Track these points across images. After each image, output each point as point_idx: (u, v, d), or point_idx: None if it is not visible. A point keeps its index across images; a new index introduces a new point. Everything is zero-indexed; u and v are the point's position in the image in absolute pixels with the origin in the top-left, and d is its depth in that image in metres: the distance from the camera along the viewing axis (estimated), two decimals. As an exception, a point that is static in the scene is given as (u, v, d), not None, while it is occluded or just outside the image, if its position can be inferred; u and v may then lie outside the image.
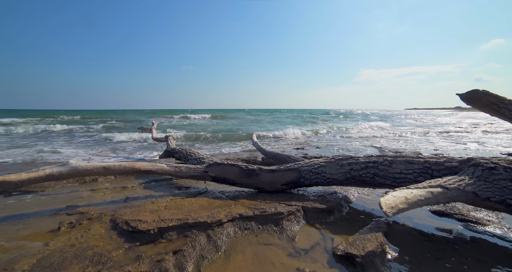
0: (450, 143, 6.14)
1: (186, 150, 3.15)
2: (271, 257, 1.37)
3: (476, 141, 6.54)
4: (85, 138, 8.03)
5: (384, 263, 1.29)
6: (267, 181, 2.32)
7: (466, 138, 7.17)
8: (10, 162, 4.16)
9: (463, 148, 5.42)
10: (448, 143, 6.16)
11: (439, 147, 5.50)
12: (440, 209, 1.99)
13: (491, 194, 1.46)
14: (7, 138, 7.85)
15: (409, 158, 1.93)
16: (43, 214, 1.85)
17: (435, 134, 8.53)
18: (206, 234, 1.52)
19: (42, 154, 4.91)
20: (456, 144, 5.92)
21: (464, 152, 4.90)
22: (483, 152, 4.89)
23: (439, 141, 6.63)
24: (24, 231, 1.56)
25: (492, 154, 4.60)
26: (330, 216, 1.88)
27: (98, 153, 5.13)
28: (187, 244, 1.40)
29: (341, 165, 2.16)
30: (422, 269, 1.26)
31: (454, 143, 6.14)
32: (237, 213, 1.73)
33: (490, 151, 4.95)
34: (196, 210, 1.80)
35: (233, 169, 2.39)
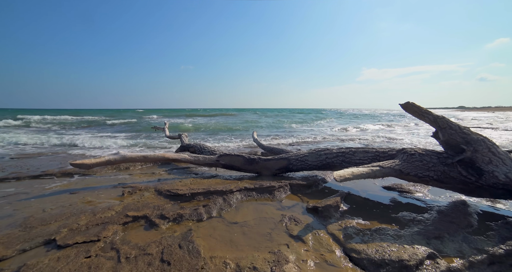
0: (426, 140, 6.90)
1: (200, 144, 3.91)
2: (265, 210, 2.12)
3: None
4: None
5: (337, 211, 2.04)
6: (265, 167, 3.08)
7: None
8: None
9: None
10: (426, 140, 6.91)
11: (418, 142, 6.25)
12: (388, 185, 2.74)
13: (410, 170, 2.21)
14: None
15: (366, 149, 2.69)
16: (106, 187, 2.61)
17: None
18: (222, 197, 2.28)
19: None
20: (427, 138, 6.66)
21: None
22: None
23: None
24: (102, 195, 2.32)
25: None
26: (308, 189, 2.63)
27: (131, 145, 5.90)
28: (211, 202, 2.15)
29: (319, 155, 2.91)
30: (359, 213, 2.01)
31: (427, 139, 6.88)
32: (243, 186, 2.49)
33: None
34: (213, 184, 2.56)
35: (238, 158, 3.15)
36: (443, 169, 2.14)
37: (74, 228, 1.62)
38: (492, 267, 1.38)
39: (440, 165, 2.15)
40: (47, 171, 3.29)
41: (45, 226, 1.64)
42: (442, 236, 1.59)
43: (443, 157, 2.18)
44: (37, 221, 1.71)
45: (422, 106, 2.32)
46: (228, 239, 1.63)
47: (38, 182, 2.90)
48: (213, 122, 17.28)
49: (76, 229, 1.61)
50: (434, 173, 2.17)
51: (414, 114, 2.39)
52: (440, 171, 2.15)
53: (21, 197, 2.34)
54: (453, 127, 2.13)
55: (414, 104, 2.33)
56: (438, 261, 1.36)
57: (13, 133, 8.65)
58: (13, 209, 1.99)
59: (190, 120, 19.91)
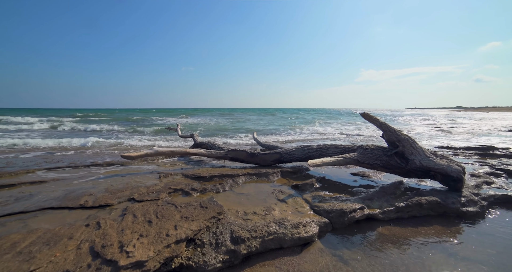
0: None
1: (211, 142, 4.85)
2: (262, 187, 3.05)
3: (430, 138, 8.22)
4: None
5: (311, 187, 2.97)
6: (262, 159, 4.01)
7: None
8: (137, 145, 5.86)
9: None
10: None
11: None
12: (355, 172, 3.67)
13: (364, 160, 3.13)
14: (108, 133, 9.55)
15: (337, 145, 3.62)
16: (145, 173, 3.55)
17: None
18: (232, 179, 3.21)
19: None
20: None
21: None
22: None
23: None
24: (145, 178, 3.26)
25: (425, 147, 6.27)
26: (294, 175, 3.56)
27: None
28: (224, 181, 3.08)
29: (303, 150, 3.85)
30: (327, 189, 2.93)
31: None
32: (246, 172, 3.42)
33: (425, 144, 6.62)
34: (224, 171, 3.49)
35: (242, 152, 4.09)
36: (386, 159, 3.07)
37: (140, 193, 2.55)
38: (396, 213, 2.31)
39: (384, 156, 3.09)
40: (95, 162, 4.23)
41: (121, 192, 2.58)
42: (372, 199, 2.52)
43: (386, 150, 3.11)
44: (114, 190, 2.64)
45: (373, 116, 3.26)
46: (238, 202, 2.57)
47: (92, 169, 3.84)
48: (214, 122, 18.21)
49: (142, 194, 2.54)
50: (380, 162, 3.10)
51: (369, 121, 3.33)
52: (384, 160, 3.08)
53: (90, 178, 3.28)
54: (391, 130, 3.07)
55: (368, 114, 3.27)
56: (364, 210, 2.29)
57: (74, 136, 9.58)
58: (92, 185, 2.93)
59: (191, 120, 20.85)
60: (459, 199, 2.43)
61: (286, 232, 1.86)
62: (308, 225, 1.98)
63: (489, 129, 11.61)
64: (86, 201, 2.29)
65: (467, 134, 9.78)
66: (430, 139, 8.19)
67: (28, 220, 1.88)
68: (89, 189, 2.72)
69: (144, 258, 1.30)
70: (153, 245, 1.43)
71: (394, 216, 2.30)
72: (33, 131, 11.16)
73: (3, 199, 2.34)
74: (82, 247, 1.40)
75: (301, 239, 1.86)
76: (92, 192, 2.60)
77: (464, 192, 2.58)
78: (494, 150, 4.97)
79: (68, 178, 3.34)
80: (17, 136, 9.18)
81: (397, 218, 2.30)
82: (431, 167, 2.76)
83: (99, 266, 1.24)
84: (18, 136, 9.20)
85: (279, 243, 1.81)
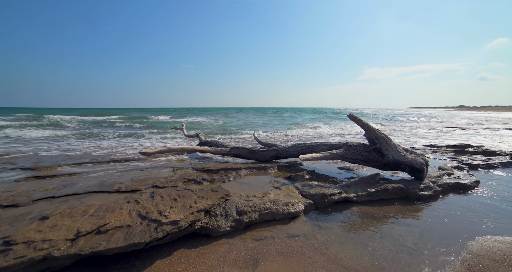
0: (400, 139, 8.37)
1: (216, 140, 5.43)
2: (261, 178, 3.63)
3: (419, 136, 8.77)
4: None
5: (302, 178, 3.55)
6: (262, 156, 4.59)
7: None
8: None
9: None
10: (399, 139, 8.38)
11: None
12: (341, 166, 4.24)
13: (348, 155, 3.70)
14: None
15: (326, 143, 4.19)
16: (160, 168, 4.12)
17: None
18: (235, 171, 3.78)
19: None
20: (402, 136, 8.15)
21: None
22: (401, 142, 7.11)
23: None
24: (161, 171, 3.84)
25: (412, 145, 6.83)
26: (289, 169, 4.14)
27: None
28: (229, 173, 3.66)
29: (297, 147, 4.42)
30: (315, 179, 3.50)
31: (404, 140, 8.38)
32: (247, 166, 4.00)
33: (413, 142, 7.17)
34: (229, 165, 4.07)
35: (244, 150, 4.66)
36: (366, 154, 3.64)
37: (160, 182, 3.13)
38: (368, 197, 2.88)
39: (364, 152, 3.66)
40: (113, 158, 4.82)
41: (145, 181, 3.15)
42: (350, 186, 3.09)
43: (366, 147, 3.68)
44: (138, 179, 3.22)
45: (357, 117, 3.83)
46: (240, 188, 3.14)
47: (113, 164, 4.43)
48: (215, 122, 18.79)
49: (162, 182, 3.12)
50: (361, 156, 3.67)
51: (354, 121, 3.89)
52: (364, 155, 3.65)
53: (114, 171, 3.86)
54: (371, 129, 3.64)
55: (353, 115, 3.84)
56: (342, 194, 2.86)
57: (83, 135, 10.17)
58: (118, 176, 3.51)
59: (192, 120, 21.43)
60: (418, 186, 3.00)
61: (278, 208, 2.43)
62: (296, 204, 2.56)
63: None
64: (120, 187, 2.87)
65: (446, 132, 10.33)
66: (418, 137, 8.75)
67: (82, 199, 2.46)
68: (117, 179, 3.30)
69: (178, 219, 1.87)
70: (181, 212, 2.01)
71: (366, 199, 2.88)
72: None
73: (53, 185, 2.92)
74: (132, 213, 1.98)
75: (289, 213, 2.44)
76: (121, 181, 3.18)
77: (425, 181, 3.15)
78: (469, 148, 5.54)
79: (95, 171, 3.93)
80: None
81: (368, 201, 2.87)
82: (401, 161, 3.33)
83: (148, 223, 1.82)
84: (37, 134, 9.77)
85: (272, 216, 2.39)
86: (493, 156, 4.78)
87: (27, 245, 1.45)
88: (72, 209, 2.02)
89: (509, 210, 2.60)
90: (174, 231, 1.81)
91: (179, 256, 1.82)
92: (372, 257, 1.80)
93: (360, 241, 2.02)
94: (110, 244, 1.58)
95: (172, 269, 1.67)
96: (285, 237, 2.09)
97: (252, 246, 1.95)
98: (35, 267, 1.41)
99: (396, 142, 3.60)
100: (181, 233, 1.93)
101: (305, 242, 2.01)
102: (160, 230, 1.76)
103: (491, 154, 4.88)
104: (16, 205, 2.20)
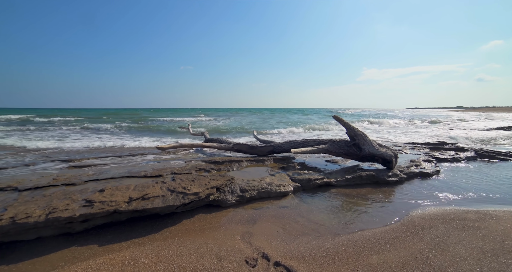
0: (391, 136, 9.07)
1: (220, 138, 6.13)
2: (259, 168, 4.33)
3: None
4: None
5: (294, 168, 4.25)
6: (260, 151, 5.29)
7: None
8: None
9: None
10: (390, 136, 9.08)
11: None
12: (328, 159, 4.95)
13: (332, 150, 4.40)
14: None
15: (315, 139, 4.89)
16: (172, 161, 4.82)
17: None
18: (238, 163, 4.48)
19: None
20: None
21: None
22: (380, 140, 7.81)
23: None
24: (175, 163, 4.54)
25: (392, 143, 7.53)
26: (283, 161, 4.84)
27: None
28: (232, 164, 4.36)
29: (291, 143, 5.13)
30: (304, 169, 4.20)
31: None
32: (248, 159, 4.70)
33: (397, 141, 7.88)
34: (232, 159, 4.77)
35: (245, 146, 5.36)
36: (347, 149, 4.34)
37: (177, 170, 3.82)
38: (346, 182, 3.58)
39: (346, 147, 4.36)
40: (131, 153, 5.51)
41: (164, 169, 3.84)
42: (332, 174, 3.79)
43: (347, 142, 4.39)
44: (158, 169, 3.91)
45: (340, 117, 4.54)
46: (242, 175, 3.84)
47: (132, 158, 5.12)
48: (216, 121, 19.49)
49: (179, 170, 3.81)
50: (343, 151, 4.37)
51: (338, 121, 4.60)
52: (346, 149, 4.35)
53: (135, 163, 4.55)
54: (351, 128, 4.34)
55: (337, 116, 4.55)
56: (324, 179, 3.56)
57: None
58: (140, 166, 4.20)
59: (194, 119, 22.13)
60: (387, 173, 3.70)
61: (272, 188, 3.13)
62: (287, 186, 3.26)
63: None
64: (146, 173, 3.57)
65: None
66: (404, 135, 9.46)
67: (119, 181, 3.15)
68: (141, 168, 4.00)
69: (198, 191, 2.57)
70: (200, 187, 2.71)
71: (344, 183, 3.58)
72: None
73: (92, 172, 3.61)
74: (163, 188, 2.67)
75: (281, 192, 3.14)
76: (144, 169, 3.88)
77: (394, 170, 3.86)
78: (444, 145, 6.24)
79: (120, 162, 4.62)
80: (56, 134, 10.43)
81: (345, 185, 3.57)
82: (375, 153, 4.04)
83: (177, 194, 2.51)
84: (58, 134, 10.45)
85: (268, 194, 3.09)
86: (461, 151, 5.49)
87: (102, 203, 2.14)
88: (117, 186, 2.72)
89: (453, 188, 3.31)
90: (196, 199, 2.51)
91: (199, 217, 2.52)
92: (340, 219, 2.50)
93: (334, 211, 2.72)
94: (153, 205, 2.28)
95: (194, 224, 2.37)
96: (277, 207, 2.79)
97: (252, 213, 2.66)
98: (108, 217, 2.10)
99: (371, 139, 4.31)
100: (200, 202, 2.63)
101: (292, 210, 2.72)
102: (186, 198, 2.46)
103: (460, 150, 5.59)
104: (74, 184, 2.89)
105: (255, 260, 1.74)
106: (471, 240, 1.96)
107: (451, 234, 2.06)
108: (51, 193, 2.53)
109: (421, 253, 1.80)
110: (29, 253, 1.85)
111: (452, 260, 1.72)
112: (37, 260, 1.77)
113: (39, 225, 1.89)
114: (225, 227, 2.32)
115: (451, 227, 2.20)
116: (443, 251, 1.81)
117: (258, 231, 2.23)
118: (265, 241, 2.02)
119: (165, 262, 1.73)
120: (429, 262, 1.68)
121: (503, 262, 1.69)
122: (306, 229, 2.28)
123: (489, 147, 6.37)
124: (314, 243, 2.00)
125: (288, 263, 1.70)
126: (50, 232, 2.00)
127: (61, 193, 2.52)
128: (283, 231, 2.23)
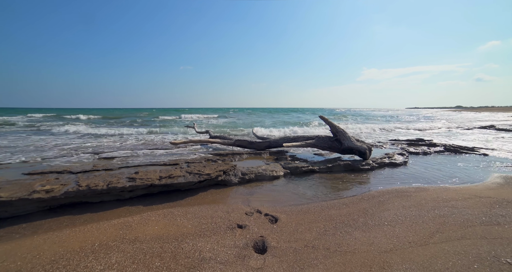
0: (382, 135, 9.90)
1: (222, 135, 6.98)
2: (257, 160, 5.17)
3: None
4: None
5: (286, 160, 5.08)
6: (258, 146, 6.13)
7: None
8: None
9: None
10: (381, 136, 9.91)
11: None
12: (316, 153, 5.79)
13: (318, 144, 5.24)
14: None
15: (305, 136, 5.74)
16: (184, 154, 5.66)
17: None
18: (239, 155, 5.33)
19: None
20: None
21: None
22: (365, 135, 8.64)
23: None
24: (187, 156, 5.38)
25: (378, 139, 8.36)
26: (278, 154, 5.68)
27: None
28: (235, 156, 5.21)
29: (283, 139, 5.97)
30: (296, 160, 5.03)
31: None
32: (247, 152, 5.54)
33: (384, 138, 8.70)
34: (234, 152, 5.62)
35: (245, 141, 6.21)
36: (330, 143, 5.18)
37: (190, 160, 4.66)
38: (327, 169, 4.42)
39: (329, 141, 5.20)
40: (145, 148, 6.36)
41: (178, 160, 4.68)
42: (316, 163, 4.63)
43: (331, 138, 5.23)
44: (174, 160, 4.75)
45: (325, 117, 5.38)
46: (243, 164, 4.68)
47: (146, 150, 5.96)
48: (217, 121, 20.33)
49: (191, 160, 4.65)
50: (327, 145, 5.21)
51: (323, 120, 5.44)
52: (329, 144, 5.19)
53: (151, 156, 5.39)
54: (334, 126, 5.18)
55: (323, 116, 5.39)
56: (309, 167, 4.40)
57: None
58: (157, 159, 5.04)
59: (195, 118, 22.97)
60: (362, 163, 4.54)
61: (267, 173, 3.98)
62: (278, 171, 4.10)
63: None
64: (165, 162, 4.41)
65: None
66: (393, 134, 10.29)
67: (145, 167, 3.99)
68: (159, 159, 4.85)
69: (210, 172, 3.42)
70: (211, 170, 3.55)
71: (325, 170, 4.42)
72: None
73: (120, 162, 4.46)
74: (182, 171, 3.51)
75: (274, 176, 3.98)
76: (162, 160, 4.72)
77: (368, 160, 4.69)
78: (420, 141, 7.08)
79: (139, 155, 5.47)
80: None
81: (326, 171, 4.41)
82: (353, 147, 4.88)
83: (194, 174, 3.35)
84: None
85: (263, 177, 3.93)
86: (433, 146, 6.32)
87: (141, 179, 2.99)
88: (147, 170, 3.56)
89: (415, 174, 4.15)
90: (208, 178, 3.36)
91: (210, 192, 3.37)
92: (317, 193, 3.34)
93: (313, 188, 3.56)
94: (178, 180, 3.12)
95: (208, 196, 3.22)
96: (270, 186, 3.64)
97: (251, 189, 3.50)
98: (146, 189, 2.95)
99: (350, 135, 5.16)
100: (211, 181, 3.47)
101: (282, 187, 3.56)
102: (201, 177, 3.30)
103: (433, 145, 6.43)
104: (111, 169, 3.73)
105: (252, 213, 2.58)
106: (400, 202, 2.81)
107: (390, 200, 2.91)
108: (99, 174, 3.38)
109: (364, 209, 2.64)
110: (99, 209, 2.70)
111: (381, 210, 2.57)
112: (107, 212, 2.62)
113: (103, 192, 2.74)
114: (231, 197, 3.16)
115: (392, 196, 3.04)
116: (378, 207, 2.66)
117: (254, 199, 3.07)
118: (259, 204, 2.87)
119: (192, 213, 2.57)
120: (366, 212, 2.53)
121: (412, 211, 2.53)
122: (290, 198, 3.12)
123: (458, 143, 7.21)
124: (294, 204, 2.85)
125: (274, 214, 2.54)
126: (108, 197, 2.85)
127: (106, 174, 3.36)
128: (273, 199, 3.07)
